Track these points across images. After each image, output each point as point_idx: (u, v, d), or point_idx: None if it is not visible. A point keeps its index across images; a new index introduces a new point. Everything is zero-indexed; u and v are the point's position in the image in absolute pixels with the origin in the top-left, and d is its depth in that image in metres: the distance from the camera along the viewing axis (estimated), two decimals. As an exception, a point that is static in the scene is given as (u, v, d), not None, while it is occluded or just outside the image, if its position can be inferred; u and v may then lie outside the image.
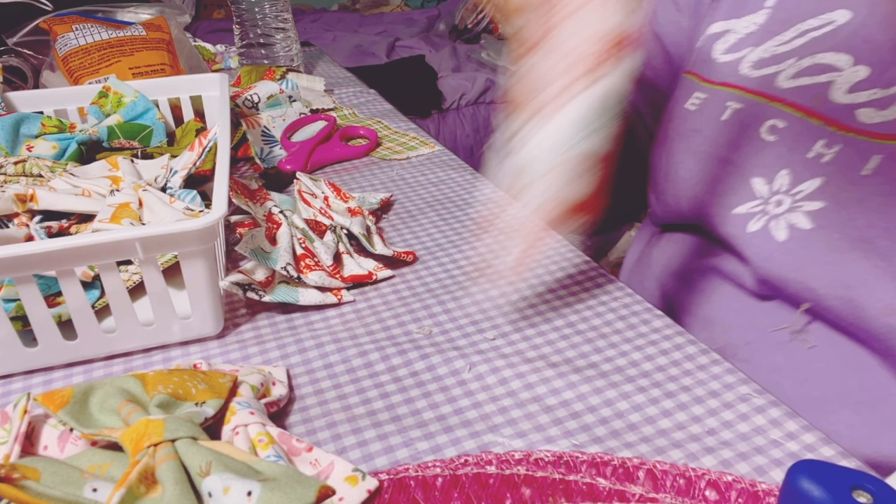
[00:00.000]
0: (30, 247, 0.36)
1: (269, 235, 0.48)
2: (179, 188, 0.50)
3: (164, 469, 0.28)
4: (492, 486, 0.32)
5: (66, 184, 0.49)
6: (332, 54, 1.44)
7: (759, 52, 0.51)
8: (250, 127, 0.69)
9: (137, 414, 0.31)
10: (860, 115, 0.44)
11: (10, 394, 0.39)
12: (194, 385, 0.34)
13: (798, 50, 0.48)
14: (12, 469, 0.27)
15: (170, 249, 0.38)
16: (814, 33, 0.48)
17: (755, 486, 0.31)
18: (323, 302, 0.45)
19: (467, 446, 0.35)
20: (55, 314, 0.40)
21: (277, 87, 0.77)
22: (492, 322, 0.44)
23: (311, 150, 0.66)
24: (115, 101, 0.59)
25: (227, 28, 2.26)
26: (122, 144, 0.57)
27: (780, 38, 0.50)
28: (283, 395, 0.37)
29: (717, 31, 0.54)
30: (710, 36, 0.55)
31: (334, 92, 0.90)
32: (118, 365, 0.41)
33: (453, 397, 0.38)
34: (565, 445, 0.34)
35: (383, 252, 0.49)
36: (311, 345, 0.42)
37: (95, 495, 0.28)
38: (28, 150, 0.54)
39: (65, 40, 0.71)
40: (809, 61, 0.47)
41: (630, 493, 0.31)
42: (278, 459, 0.30)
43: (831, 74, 0.46)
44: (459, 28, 2.53)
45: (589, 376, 0.39)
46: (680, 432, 0.35)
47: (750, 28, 0.52)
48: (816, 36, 0.48)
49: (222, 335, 0.43)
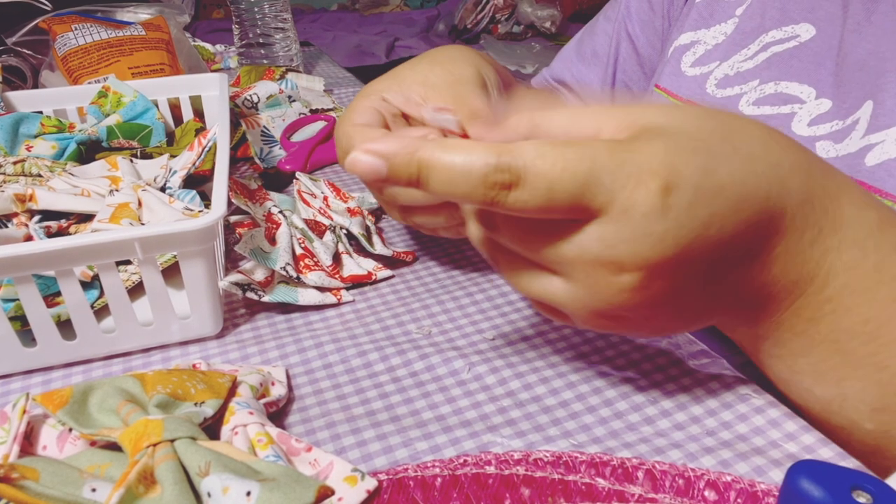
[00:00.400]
0: (29, 246, 0.36)
1: (269, 235, 0.48)
2: (179, 188, 0.50)
3: (163, 469, 0.28)
4: (491, 486, 0.32)
5: (66, 184, 0.49)
6: (331, 54, 1.44)
7: (725, 67, 0.50)
8: (250, 127, 0.69)
9: (136, 414, 0.31)
10: (818, 148, 0.43)
11: (9, 394, 0.39)
12: (193, 385, 0.34)
13: (761, 67, 0.48)
14: (11, 469, 0.27)
15: (169, 249, 0.38)
16: (776, 47, 0.47)
17: (754, 487, 0.31)
18: (322, 302, 0.45)
19: (466, 446, 0.35)
20: (54, 314, 0.40)
21: (277, 87, 0.77)
22: (491, 322, 0.44)
23: (311, 150, 0.66)
24: (115, 100, 0.58)
25: (226, 28, 2.26)
26: (122, 144, 0.57)
27: (744, 52, 0.49)
28: (282, 395, 0.37)
29: (686, 42, 0.53)
30: (679, 47, 0.54)
31: (334, 92, 0.90)
32: (117, 365, 0.41)
33: (452, 397, 0.38)
34: (564, 445, 0.34)
35: (382, 252, 0.49)
36: (311, 345, 0.42)
37: (94, 495, 0.28)
38: (27, 149, 0.54)
39: (64, 40, 0.71)
40: (773, 88, 0.47)
41: (629, 493, 0.31)
42: (277, 459, 0.30)
43: (794, 106, 0.45)
44: (459, 28, 2.53)
45: (588, 376, 0.39)
46: (679, 432, 0.35)
47: (718, 39, 0.51)
48: (779, 51, 0.47)
49: (221, 335, 0.43)
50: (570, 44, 0.71)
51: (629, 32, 0.62)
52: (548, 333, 0.43)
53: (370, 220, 0.53)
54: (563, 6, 2.59)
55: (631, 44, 0.62)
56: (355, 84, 0.94)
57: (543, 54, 2.28)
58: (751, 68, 0.48)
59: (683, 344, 0.42)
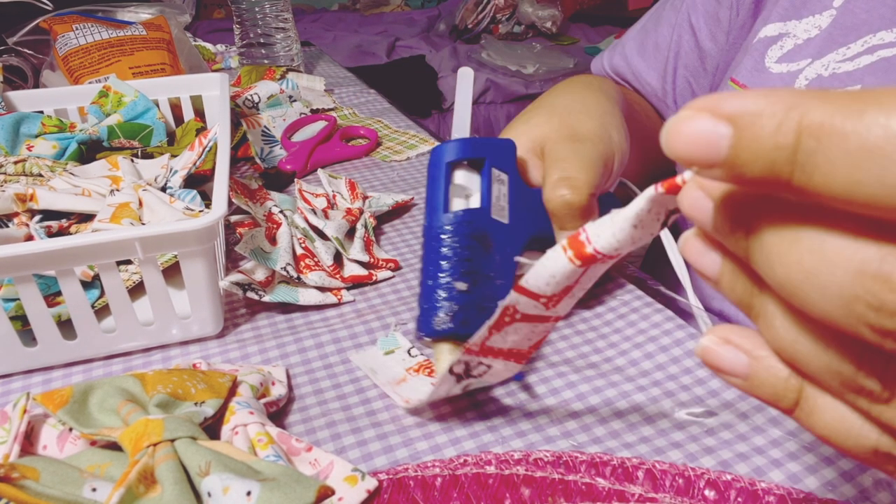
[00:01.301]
0: (29, 246, 0.36)
1: (269, 235, 0.48)
2: (179, 188, 0.50)
3: (163, 469, 0.28)
4: (491, 486, 0.32)
5: (66, 183, 0.49)
6: (332, 54, 1.44)
7: (818, 66, 0.44)
8: (250, 127, 0.69)
9: (137, 414, 0.31)
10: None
11: (10, 393, 0.39)
12: (194, 385, 0.34)
13: (863, 72, 0.41)
14: (11, 469, 0.27)
15: (169, 249, 0.38)
16: (884, 51, 0.41)
17: (754, 486, 0.31)
18: (323, 302, 0.45)
19: (466, 446, 0.35)
20: (55, 314, 0.40)
21: (278, 87, 0.77)
22: (491, 322, 0.44)
23: (312, 150, 0.66)
24: (116, 100, 0.59)
25: (227, 28, 2.26)
26: (123, 144, 0.57)
27: (843, 50, 0.43)
28: (282, 394, 0.37)
29: (772, 34, 0.47)
30: (763, 39, 0.48)
31: (334, 92, 0.90)
32: (117, 364, 0.41)
33: (453, 397, 0.38)
34: (564, 445, 0.34)
35: (358, 258, 0.48)
36: (311, 344, 0.42)
37: (95, 495, 0.28)
38: (28, 149, 0.54)
39: (65, 40, 0.71)
40: None
41: (629, 492, 0.31)
42: (277, 459, 0.30)
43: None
44: (460, 28, 2.53)
45: (588, 376, 0.39)
46: (679, 432, 0.35)
47: (811, 32, 0.45)
48: (887, 56, 0.41)
49: (222, 335, 0.43)
50: (633, 31, 0.65)
51: (692, 24, 0.57)
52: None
53: (370, 223, 0.53)
54: (564, 6, 2.59)
55: (693, 36, 0.57)
56: (356, 84, 0.94)
57: (544, 54, 2.28)
58: (850, 71, 0.42)
59: (683, 339, 0.41)
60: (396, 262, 0.50)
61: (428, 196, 0.38)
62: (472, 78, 0.48)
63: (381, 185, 0.63)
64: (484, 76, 2.07)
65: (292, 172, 0.64)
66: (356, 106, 0.85)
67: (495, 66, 2.21)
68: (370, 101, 0.87)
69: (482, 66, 2.21)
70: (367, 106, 0.85)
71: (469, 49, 2.34)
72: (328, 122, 0.71)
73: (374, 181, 0.64)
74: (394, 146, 0.72)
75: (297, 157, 0.65)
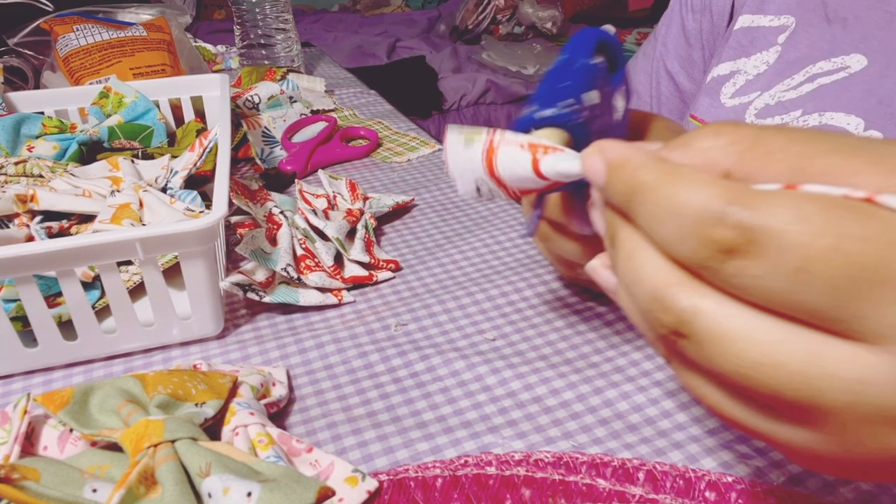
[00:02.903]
0: (30, 247, 0.36)
1: (270, 236, 0.48)
2: (180, 189, 0.50)
3: (163, 470, 0.28)
4: (492, 486, 0.32)
5: (67, 184, 0.49)
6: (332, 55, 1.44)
7: (766, 97, 0.47)
8: (251, 128, 0.69)
9: (137, 414, 0.31)
10: None
11: (10, 394, 0.39)
12: (194, 385, 0.34)
13: (806, 98, 0.45)
14: (12, 469, 0.27)
15: (170, 250, 0.38)
16: (824, 79, 0.45)
17: (755, 487, 0.31)
18: (323, 302, 0.45)
19: (467, 447, 0.35)
20: (55, 314, 0.40)
21: (278, 88, 0.77)
22: (492, 322, 0.44)
23: (312, 151, 0.66)
24: (116, 101, 0.59)
25: (227, 29, 2.26)
26: (123, 145, 0.57)
27: (788, 81, 0.47)
28: (282, 395, 0.37)
29: (724, 72, 0.51)
30: (716, 78, 0.52)
31: (335, 93, 0.90)
32: (118, 365, 0.41)
33: (453, 398, 0.38)
34: (565, 446, 0.34)
35: (358, 258, 0.48)
36: (311, 345, 0.42)
37: (95, 496, 0.28)
38: (29, 150, 0.54)
39: (65, 41, 0.71)
40: (817, 119, 0.45)
41: (630, 493, 0.31)
42: (278, 460, 0.30)
43: None
44: (460, 29, 2.53)
45: (589, 376, 0.39)
46: (680, 433, 0.35)
47: (759, 68, 0.49)
48: (826, 83, 0.45)
49: (222, 336, 0.43)
50: None
51: (668, 70, 0.61)
52: (548, 334, 0.43)
53: (371, 223, 0.53)
54: (565, 7, 2.59)
55: (671, 81, 0.61)
56: (356, 85, 0.94)
57: (544, 55, 2.28)
58: (794, 98, 0.46)
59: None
60: (397, 262, 0.50)
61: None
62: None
63: (381, 186, 0.63)
64: (485, 77, 2.07)
65: (293, 173, 0.64)
66: (356, 107, 0.85)
67: (496, 66, 2.21)
68: (370, 102, 0.87)
69: (483, 67, 2.21)
70: (367, 107, 0.85)
71: (469, 50, 2.35)
72: (328, 122, 0.71)
73: (374, 182, 0.64)
74: (394, 147, 0.72)
75: (297, 158, 0.65)
